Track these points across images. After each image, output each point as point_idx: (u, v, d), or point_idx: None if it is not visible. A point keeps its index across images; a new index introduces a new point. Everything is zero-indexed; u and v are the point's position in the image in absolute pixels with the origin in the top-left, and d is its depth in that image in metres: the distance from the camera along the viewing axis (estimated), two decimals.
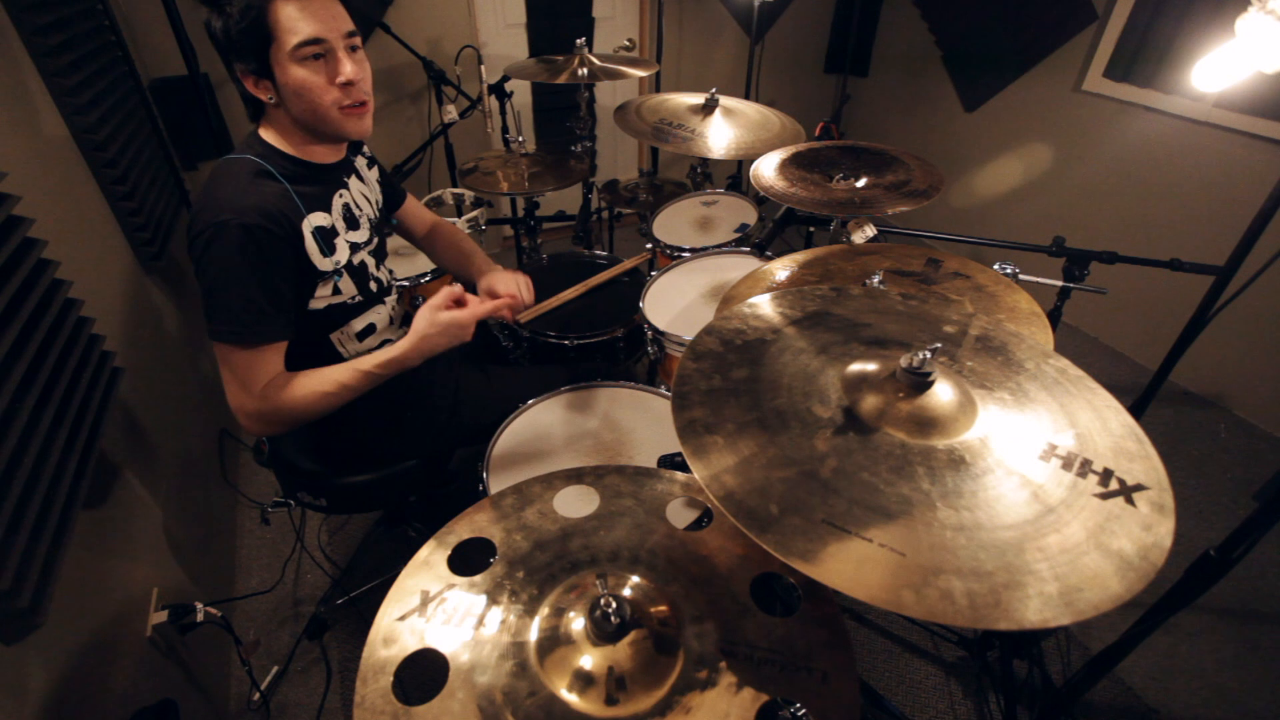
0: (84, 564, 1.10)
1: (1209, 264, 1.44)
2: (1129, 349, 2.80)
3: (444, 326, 1.11)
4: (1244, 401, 2.43)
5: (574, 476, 0.95)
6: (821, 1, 3.54)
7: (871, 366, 0.81)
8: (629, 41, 2.73)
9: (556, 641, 0.74)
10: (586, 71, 2.16)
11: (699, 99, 2.04)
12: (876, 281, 1.15)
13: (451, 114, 2.46)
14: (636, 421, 1.35)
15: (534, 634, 0.75)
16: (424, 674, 0.73)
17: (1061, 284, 1.52)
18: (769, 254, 1.79)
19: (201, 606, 1.30)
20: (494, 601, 0.78)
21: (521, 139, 2.27)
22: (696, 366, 0.83)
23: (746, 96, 2.88)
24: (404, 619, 0.76)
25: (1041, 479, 0.69)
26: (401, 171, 2.59)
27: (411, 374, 1.16)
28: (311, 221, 1.10)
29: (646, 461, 1.22)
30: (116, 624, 1.17)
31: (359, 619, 1.76)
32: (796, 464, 0.70)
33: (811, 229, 2.22)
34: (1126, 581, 0.59)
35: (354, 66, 1.05)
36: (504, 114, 2.51)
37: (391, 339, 1.34)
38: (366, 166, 1.32)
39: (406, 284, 1.83)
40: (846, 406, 0.77)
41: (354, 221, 1.21)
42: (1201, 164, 2.35)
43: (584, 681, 0.70)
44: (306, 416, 1.09)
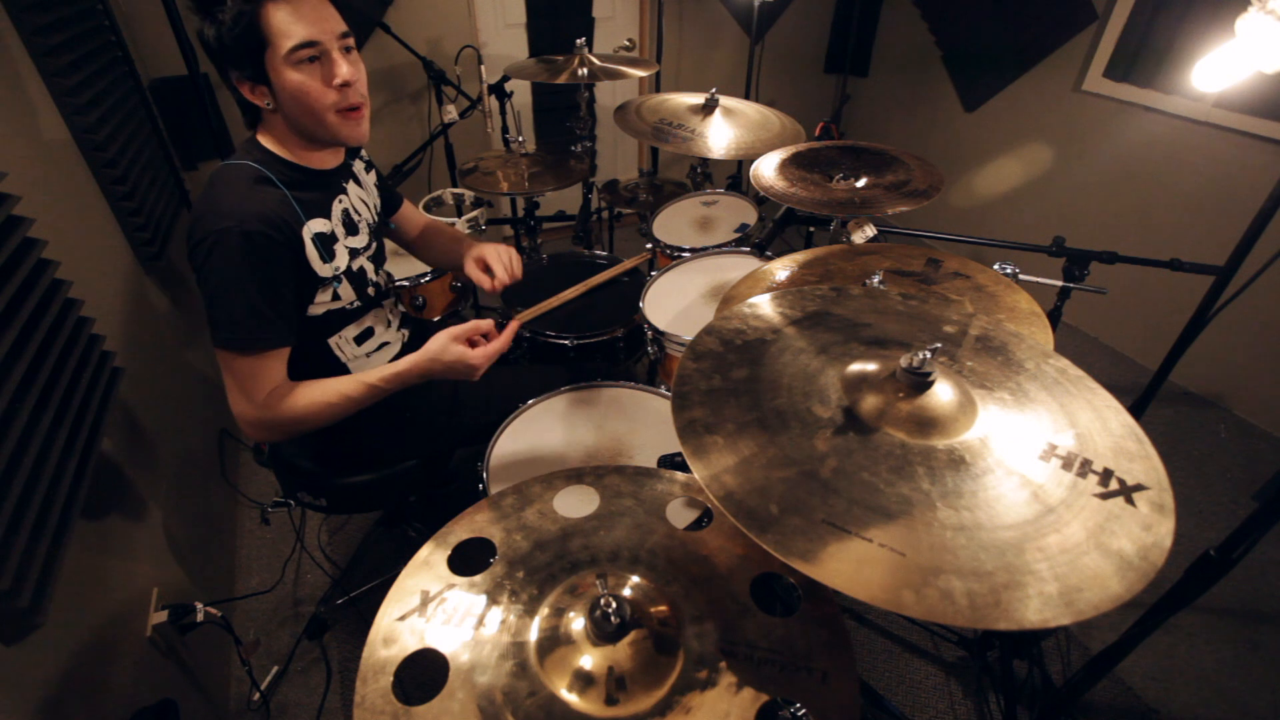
0: (84, 564, 1.10)
1: (1209, 264, 1.44)
2: (1129, 349, 2.80)
3: (450, 362, 1.09)
4: (1244, 401, 2.43)
5: (574, 476, 0.95)
6: (821, 1, 3.54)
7: (871, 366, 0.81)
8: (629, 41, 2.72)
9: (556, 641, 0.74)
10: (586, 71, 2.16)
11: (699, 99, 2.05)
12: (876, 281, 1.15)
13: (451, 114, 2.45)
14: (636, 421, 1.35)
15: (534, 634, 0.75)
16: (424, 674, 0.73)
17: (1061, 284, 1.52)
18: (769, 254, 1.79)
19: (201, 606, 1.30)
20: (494, 601, 0.78)
21: (521, 139, 2.28)
22: (696, 366, 0.83)
23: (746, 96, 2.88)
24: (404, 619, 0.76)
25: (1041, 479, 0.69)
26: (401, 172, 2.58)
27: None
28: (311, 228, 1.10)
29: (646, 461, 1.22)
30: (116, 624, 1.17)
31: (359, 619, 1.76)
32: (796, 464, 0.70)
33: (811, 229, 2.22)
34: (1126, 581, 0.59)
35: (350, 67, 1.04)
36: (504, 114, 2.51)
37: (390, 342, 1.34)
38: (364, 171, 1.31)
39: (406, 284, 1.83)
40: (846, 406, 0.77)
41: (353, 227, 1.21)
42: (1201, 164, 2.35)
43: (584, 681, 0.70)
44: (308, 426, 1.09)
